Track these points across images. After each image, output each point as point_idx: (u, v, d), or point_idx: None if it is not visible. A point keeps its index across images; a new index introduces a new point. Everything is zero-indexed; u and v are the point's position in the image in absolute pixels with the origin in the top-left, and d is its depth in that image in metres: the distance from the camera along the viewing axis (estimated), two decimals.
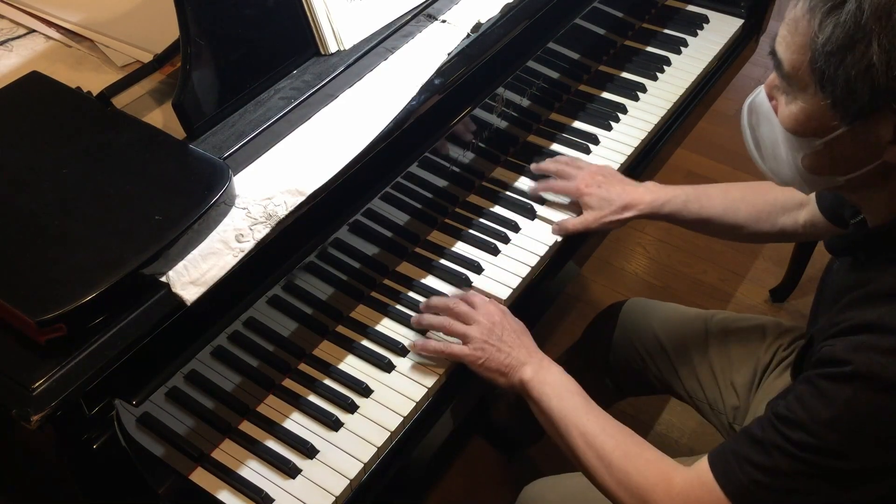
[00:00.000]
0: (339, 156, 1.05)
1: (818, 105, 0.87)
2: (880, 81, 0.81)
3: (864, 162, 0.88)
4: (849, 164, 0.90)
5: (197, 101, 1.04)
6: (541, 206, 1.40)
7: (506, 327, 1.16)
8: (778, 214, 1.30)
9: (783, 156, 0.95)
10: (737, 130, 1.07)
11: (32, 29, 1.30)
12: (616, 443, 1.02)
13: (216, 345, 1.04)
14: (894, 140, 0.84)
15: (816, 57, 0.84)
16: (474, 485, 1.85)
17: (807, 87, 0.87)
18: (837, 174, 0.92)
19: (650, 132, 1.55)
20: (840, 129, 0.86)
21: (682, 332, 1.43)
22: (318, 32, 1.17)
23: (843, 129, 0.86)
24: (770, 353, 1.35)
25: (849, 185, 0.93)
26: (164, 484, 0.99)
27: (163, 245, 0.89)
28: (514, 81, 1.39)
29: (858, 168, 0.89)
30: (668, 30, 1.77)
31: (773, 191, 1.30)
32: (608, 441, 1.02)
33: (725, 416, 1.37)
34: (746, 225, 1.31)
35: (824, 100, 0.85)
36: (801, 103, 0.89)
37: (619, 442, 1.02)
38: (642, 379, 1.50)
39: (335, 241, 1.15)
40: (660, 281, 2.30)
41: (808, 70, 0.85)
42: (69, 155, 0.98)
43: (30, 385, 0.81)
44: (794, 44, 0.86)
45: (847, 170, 0.91)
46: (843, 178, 0.92)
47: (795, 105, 0.90)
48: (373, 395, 1.15)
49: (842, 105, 0.84)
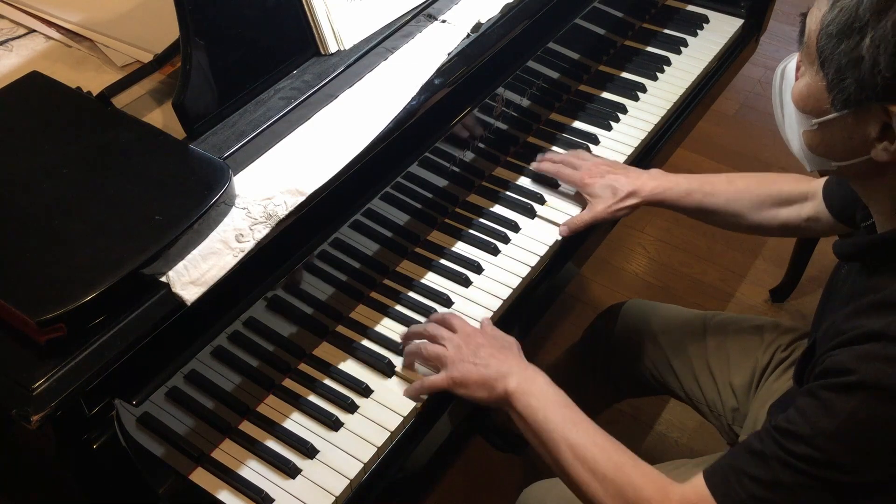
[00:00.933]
0: (339, 156, 1.05)
1: (818, 84, 0.86)
2: (866, 77, 0.81)
3: (854, 153, 0.88)
4: (839, 151, 0.90)
5: (197, 100, 1.04)
6: (541, 206, 1.40)
7: (481, 342, 1.11)
8: (780, 206, 1.29)
9: (793, 126, 0.95)
10: (737, 130, 1.07)
11: (32, 29, 1.30)
12: (608, 456, 0.97)
13: (216, 345, 1.04)
14: (880, 139, 0.84)
15: (821, 35, 0.84)
16: (474, 485, 1.85)
17: (813, 63, 0.87)
18: (830, 158, 0.92)
19: (650, 132, 1.55)
20: (832, 114, 0.86)
21: (682, 333, 1.43)
22: (318, 32, 1.17)
23: (834, 115, 0.86)
24: (769, 354, 1.35)
25: (840, 172, 0.93)
26: (164, 484, 0.99)
27: (163, 245, 0.89)
28: (514, 81, 1.39)
29: (848, 158, 0.89)
30: (668, 30, 1.77)
31: (777, 182, 1.30)
32: (599, 454, 0.97)
33: (725, 418, 1.37)
34: (748, 215, 1.31)
35: (822, 80, 0.85)
36: (807, 79, 0.89)
37: (610, 455, 0.97)
38: (641, 380, 1.50)
39: (335, 241, 1.15)
40: (660, 281, 2.30)
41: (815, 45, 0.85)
42: (69, 155, 0.98)
43: (30, 385, 0.81)
44: (817, 14, 0.86)
45: (838, 156, 0.90)
46: (836, 165, 0.91)
47: (804, 79, 0.89)
48: (373, 395, 1.15)
49: (834, 90, 0.84)
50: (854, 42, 0.81)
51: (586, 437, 1.00)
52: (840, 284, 1.04)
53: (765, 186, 1.30)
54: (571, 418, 1.02)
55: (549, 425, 1.01)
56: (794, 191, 1.28)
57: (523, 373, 1.07)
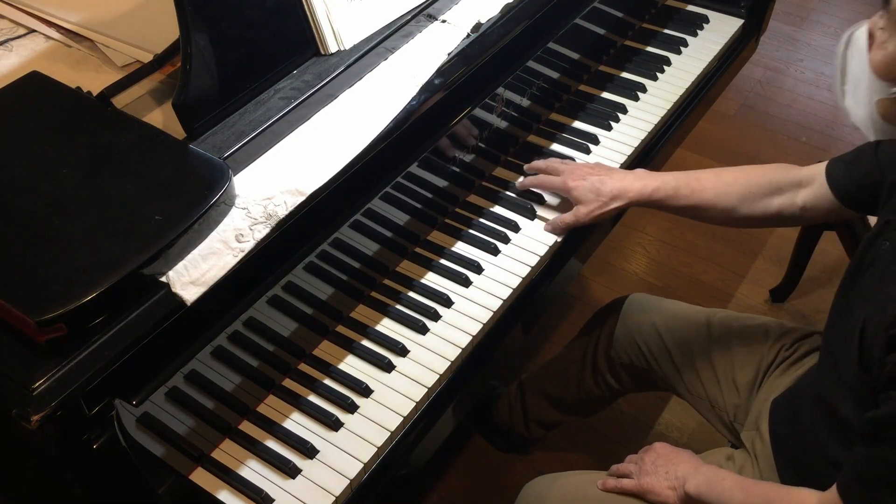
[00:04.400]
0: (339, 156, 1.05)
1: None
2: None
3: None
4: None
5: (197, 100, 1.04)
6: (541, 207, 1.40)
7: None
8: (773, 195, 1.27)
9: (862, 95, 0.94)
10: (737, 130, 1.07)
11: (32, 29, 1.30)
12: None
13: (216, 345, 1.05)
14: None
15: None
16: (474, 485, 1.85)
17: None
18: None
19: (650, 132, 1.55)
20: None
21: (684, 328, 1.43)
22: (318, 32, 1.17)
23: None
24: (773, 352, 1.35)
25: None
26: (164, 484, 0.99)
27: (163, 245, 0.89)
28: (514, 81, 1.39)
29: None
30: (668, 30, 1.77)
31: (764, 172, 1.29)
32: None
33: (726, 414, 1.37)
34: (739, 207, 1.29)
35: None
36: (893, 45, 0.88)
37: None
38: (643, 374, 1.50)
39: (335, 241, 1.15)
40: (660, 281, 2.30)
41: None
42: (69, 155, 0.98)
43: (30, 385, 0.81)
44: None
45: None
46: None
47: (889, 45, 0.88)
48: (373, 395, 1.15)
49: None
50: None
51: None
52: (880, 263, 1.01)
53: (753, 177, 1.29)
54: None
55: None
56: (783, 179, 1.27)
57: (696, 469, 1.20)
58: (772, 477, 1.21)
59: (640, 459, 1.27)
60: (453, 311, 1.24)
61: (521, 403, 1.71)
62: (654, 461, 1.25)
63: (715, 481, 1.14)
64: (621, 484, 1.26)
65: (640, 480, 1.24)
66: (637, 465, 1.27)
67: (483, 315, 1.23)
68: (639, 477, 1.24)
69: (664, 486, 1.21)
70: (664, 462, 1.24)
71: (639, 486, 1.23)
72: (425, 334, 1.21)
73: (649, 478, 1.23)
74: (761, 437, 1.26)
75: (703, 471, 1.18)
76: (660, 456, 1.25)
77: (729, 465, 1.27)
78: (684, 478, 1.18)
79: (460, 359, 1.19)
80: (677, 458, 1.23)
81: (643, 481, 1.23)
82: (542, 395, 1.67)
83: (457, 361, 1.19)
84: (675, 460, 1.23)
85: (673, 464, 1.22)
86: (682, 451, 1.26)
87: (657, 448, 1.28)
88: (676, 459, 1.23)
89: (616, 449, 1.88)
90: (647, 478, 1.23)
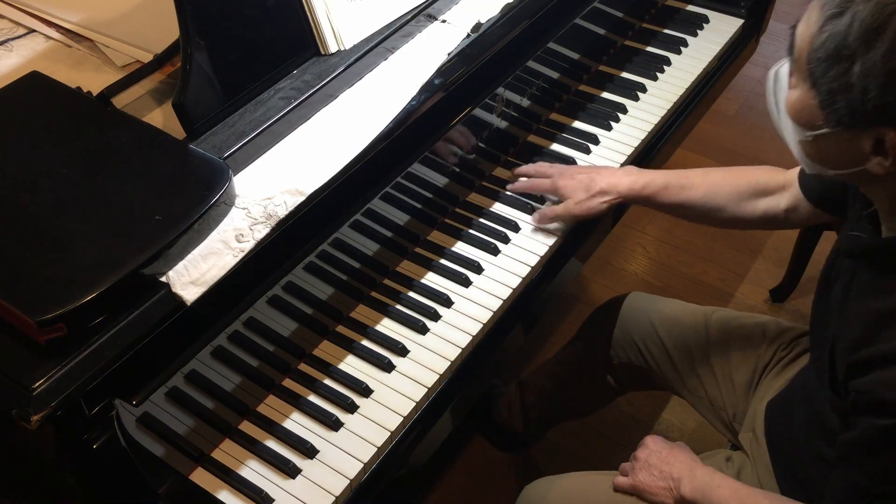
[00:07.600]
0: (339, 156, 1.05)
1: (811, 101, 0.87)
2: (857, 102, 0.81)
3: (849, 164, 0.89)
4: (834, 161, 0.90)
5: (197, 100, 1.04)
6: (541, 206, 1.39)
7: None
8: (759, 196, 1.28)
9: (790, 132, 0.95)
10: (737, 130, 1.07)
11: (32, 29, 1.30)
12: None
13: (216, 345, 1.05)
14: (875, 153, 0.85)
15: (811, 56, 0.84)
16: (474, 485, 1.85)
17: (805, 80, 0.87)
18: (826, 167, 0.92)
19: (650, 132, 1.55)
20: (825, 129, 0.87)
21: (683, 328, 1.43)
22: (318, 32, 1.17)
23: (828, 130, 0.86)
24: (770, 352, 1.35)
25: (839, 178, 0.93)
26: (164, 484, 0.99)
27: (163, 245, 0.89)
28: (514, 81, 1.39)
29: (844, 167, 0.90)
30: (668, 30, 1.77)
31: (753, 173, 1.29)
32: None
33: (725, 413, 1.37)
34: (727, 207, 1.29)
35: (814, 98, 0.86)
36: (798, 92, 0.89)
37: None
38: (642, 373, 1.50)
39: (335, 241, 1.15)
40: (660, 281, 2.30)
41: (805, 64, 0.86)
42: (69, 155, 0.98)
43: (30, 385, 0.81)
44: (806, 32, 0.86)
45: (833, 166, 0.91)
46: (832, 173, 0.92)
47: (795, 92, 0.90)
48: (373, 395, 1.15)
49: (826, 109, 0.85)
50: (843, 68, 0.81)
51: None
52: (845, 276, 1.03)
53: (741, 178, 1.30)
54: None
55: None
56: (770, 181, 1.28)
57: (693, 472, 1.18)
58: (769, 479, 1.21)
59: (634, 456, 1.26)
60: (453, 311, 1.24)
61: (521, 403, 1.71)
62: (647, 458, 1.23)
63: (711, 488, 1.13)
64: (617, 481, 1.25)
65: (635, 477, 1.22)
66: (631, 462, 1.26)
67: (483, 315, 1.23)
68: (633, 474, 1.23)
69: (660, 487, 1.19)
70: (657, 460, 1.22)
71: (633, 483, 1.22)
72: (425, 334, 1.21)
73: (643, 474, 1.21)
74: (757, 439, 1.27)
75: (699, 474, 1.16)
76: (652, 453, 1.23)
77: (728, 466, 1.27)
78: (679, 479, 1.17)
79: (460, 359, 1.19)
80: (671, 457, 1.22)
81: (637, 478, 1.22)
82: (541, 395, 1.68)
83: (457, 361, 1.19)
84: (670, 459, 1.21)
85: (667, 463, 1.21)
86: (676, 446, 1.24)
87: (649, 443, 1.25)
88: (671, 458, 1.21)
89: (616, 449, 1.88)
90: (641, 474, 1.22)
